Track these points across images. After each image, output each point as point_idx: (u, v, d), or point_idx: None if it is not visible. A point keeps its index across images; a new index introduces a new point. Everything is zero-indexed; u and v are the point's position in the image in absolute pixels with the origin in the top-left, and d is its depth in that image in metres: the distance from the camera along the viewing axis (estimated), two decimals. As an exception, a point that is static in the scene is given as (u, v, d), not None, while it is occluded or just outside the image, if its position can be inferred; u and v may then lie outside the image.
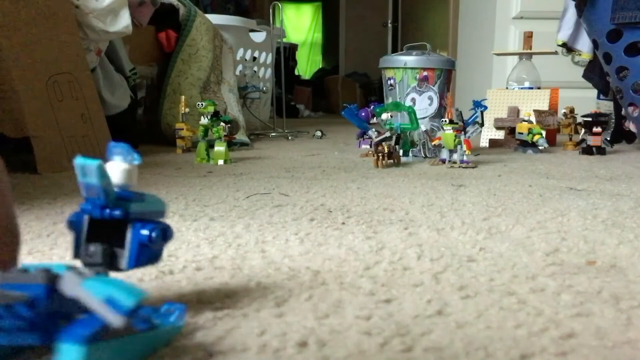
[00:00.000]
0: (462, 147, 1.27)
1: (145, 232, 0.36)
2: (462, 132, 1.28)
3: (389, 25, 4.63)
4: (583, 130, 1.60)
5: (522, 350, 0.35)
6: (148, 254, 0.37)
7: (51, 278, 0.31)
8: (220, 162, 1.32)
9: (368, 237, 0.64)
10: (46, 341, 0.31)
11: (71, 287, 0.31)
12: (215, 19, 2.14)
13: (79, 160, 0.34)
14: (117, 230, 0.36)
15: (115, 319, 0.30)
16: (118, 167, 0.36)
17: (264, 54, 2.58)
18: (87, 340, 0.29)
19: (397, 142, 1.32)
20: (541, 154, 1.58)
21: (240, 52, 2.39)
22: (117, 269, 0.37)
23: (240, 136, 1.78)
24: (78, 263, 0.37)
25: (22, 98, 1.11)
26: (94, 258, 0.36)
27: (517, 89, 1.88)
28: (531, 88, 1.87)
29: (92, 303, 0.30)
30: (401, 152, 1.36)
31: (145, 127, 1.83)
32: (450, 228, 0.68)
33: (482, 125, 1.35)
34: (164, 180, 1.05)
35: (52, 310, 0.31)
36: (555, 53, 1.94)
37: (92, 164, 0.33)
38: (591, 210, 0.79)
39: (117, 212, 0.35)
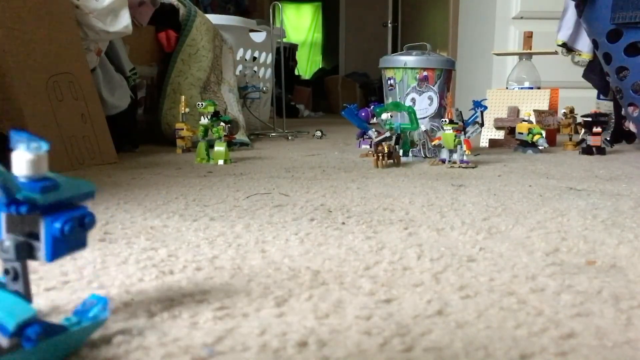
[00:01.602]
0: (462, 147, 1.27)
1: (57, 225, 0.34)
2: (462, 132, 1.28)
3: (389, 25, 4.63)
4: (583, 130, 1.60)
5: (522, 350, 0.35)
6: (66, 245, 0.35)
7: None
8: (220, 162, 1.32)
9: (368, 237, 0.64)
10: None
11: None
12: (215, 19, 2.14)
13: None
14: (35, 221, 0.34)
15: (0, 340, 0.29)
16: (22, 158, 0.33)
17: (264, 54, 2.58)
18: None
19: (397, 142, 1.32)
20: (541, 154, 1.58)
21: (240, 52, 2.39)
22: (38, 260, 0.35)
23: (240, 136, 1.78)
24: None
25: (22, 98, 1.11)
26: (8, 254, 0.35)
27: (517, 89, 1.88)
28: (531, 88, 1.87)
29: None
30: (401, 152, 1.36)
31: (145, 127, 1.83)
32: (450, 228, 0.68)
33: (482, 125, 1.35)
34: (164, 180, 1.05)
35: None
36: (555, 53, 1.94)
37: None
38: (591, 210, 0.79)
39: (22, 209, 0.33)
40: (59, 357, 0.34)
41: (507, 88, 1.92)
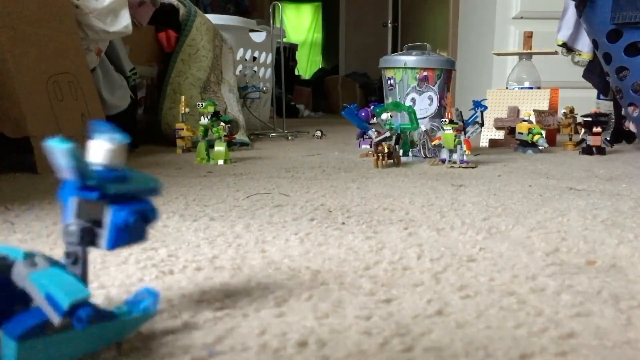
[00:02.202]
0: (462, 147, 1.27)
1: (122, 214, 0.35)
2: (462, 132, 1.28)
3: (389, 25, 4.63)
4: (583, 130, 1.60)
5: (522, 350, 0.35)
6: (127, 236, 0.36)
7: (3, 267, 0.32)
8: (220, 162, 1.32)
9: (368, 237, 0.64)
10: None
11: (19, 278, 0.31)
12: (215, 19, 2.14)
13: (50, 143, 0.33)
14: (102, 209, 0.35)
15: (53, 317, 0.30)
16: (100, 146, 0.35)
17: (264, 54, 2.58)
18: (22, 336, 0.30)
19: (397, 142, 1.32)
20: (541, 154, 1.58)
21: (240, 52, 2.39)
22: (99, 247, 0.36)
23: (240, 136, 1.78)
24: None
25: (22, 98, 1.11)
26: (72, 237, 0.36)
27: (517, 89, 1.88)
28: (531, 88, 1.87)
29: (35, 297, 0.31)
30: (401, 152, 1.36)
31: (145, 127, 1.83)
32: (450, 228, 0.68)
33: (482, 125, 1.35)
34: (164, 180, 1.05)
35: (5, 296, 0.32)
36: (555, 53, 1.94)
37: (60, 147, 0.32)
38: (591, 210, 0.79)
39: (93, 195, 0.34)
40: (106, 342, 0.34)
41: (507, 88, 1.92)
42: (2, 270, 0.31)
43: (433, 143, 1.37)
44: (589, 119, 1.56)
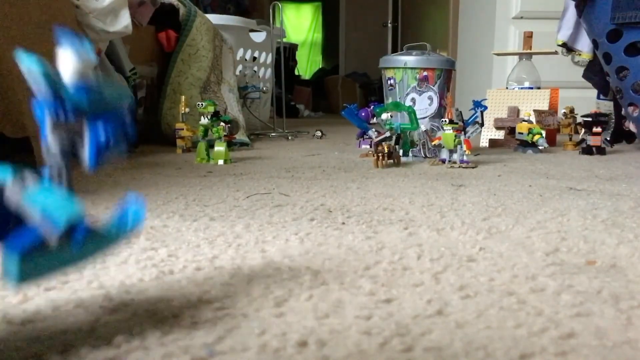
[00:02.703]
0: (462, 147, 1.27)
1: (102, 136, 0.34)
2: (462, 132, 1.28)
3: (389, 25, 4.62)
4: (583, 130, 1.60)
5: (522, 350, 0.35)
6: (109, 153, 0.35)
7: None
8: (220, 162, 1.32)
9: (368, 237, 0.64)
10: None
11: (13, 197, 0.32)
12: (215, 19, 2.14)
13: (22, 58, 0.32)
14: (80, 125, 0.35)
15: (49, 234, 0.31)
16: (70, 61, 0.34)
17: (264, 54, 2.58)
18: (24, 251, 0.30)
19: (397, 142, 1.32)
20: (541, 154, 1.58)
21: (240, 52, 2.39)
22: (81, 163, 0.36)
23: (240, 136, 1.78)
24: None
25: (22, 98, 1.11)
26: (54, 158, 0.35)
27: (517, 89, 1.88)
28: (531, 88, 1.87)
29: (31, 216, 0.31)
30: (401, 152, 1.36)
31: (145, 127, 1.83)
32: (450, 228, 0.68)
33: (482, 125, 1.35)
34: (164, 180, 1.05)
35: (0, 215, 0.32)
36: (555, 53, 1.94)
37: (36, 70, 0.32)
38: (591, 210, 0.79)
39: (71, 117, 0.34)
40: (99, 254, 0.35)
41: (507, 88, 1.92)
42: None
43: (433, 143, 1.37)
44: (589, 119, 1.56)
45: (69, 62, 0.34)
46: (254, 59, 2.51)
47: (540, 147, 1.58)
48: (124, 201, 0.38)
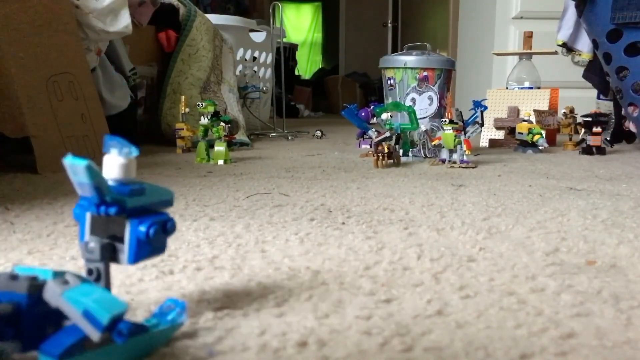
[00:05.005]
0: (462, 147, 1.27)
1: (142, 228, 0.35)
2: (462, 132, 1.28)
3: (389, 25, 4.63)
4: (583, 130, 1.60)
5: (522, 350, 0.35)
6: (148, 249, 0.36)
7: (34, 288, 0.31)
8: (220, 162, 1.32)
9: (368, 237, 0.64)
10: (30, 349, 0.31)
11: (52, 297, 0.31)
12: (215, 19, 2.14)
13: (68, 160, 0.33)
14: (120, 224, 0.36)
15: (92, 333, 0.30)
16: (114, 161, 0.35)
17: (264, 54, 2.58)
18: (63, 355, 0.30)
19: (397, 142, 1.32)
20: (541, 154, 1.58)
21: (240, 52, 2.39)
22: (119, 263, 0.36)
23: (240, 136, 1.78)
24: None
25: (22, 98, 1.11)
26: (93, 254, 0.36)
27: (517, 89, 1.88)
28: (531, 88, 1.87)
29: (71, 315, 0.31)
30: (401, 152, 1.36)
31: (145, 127, 1.83)
32: (450, 228, 0.68)
33: (482, 125, 1.35)
34: (164, 180, 1.05)
35: (37, 318, 0.31)
36: (555, 53, 1.94)
37: (81, 164, 0.33)
38: (591, 210, 0.79)
39: (112, 210, 0.35)
40: (139, 355, 0.34)
41: (507, 88, 1.92)
42: (34, 291, 0.31)
43: (433, 143, 1.37)
44: (589, 119, 1.56)
45: (113, 160, 0.35)
46: (254, 59, 2.51)
47: (540, 147, 1.58)
48: (164, 304, 0.38)
